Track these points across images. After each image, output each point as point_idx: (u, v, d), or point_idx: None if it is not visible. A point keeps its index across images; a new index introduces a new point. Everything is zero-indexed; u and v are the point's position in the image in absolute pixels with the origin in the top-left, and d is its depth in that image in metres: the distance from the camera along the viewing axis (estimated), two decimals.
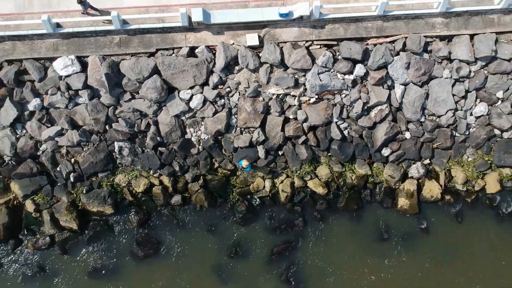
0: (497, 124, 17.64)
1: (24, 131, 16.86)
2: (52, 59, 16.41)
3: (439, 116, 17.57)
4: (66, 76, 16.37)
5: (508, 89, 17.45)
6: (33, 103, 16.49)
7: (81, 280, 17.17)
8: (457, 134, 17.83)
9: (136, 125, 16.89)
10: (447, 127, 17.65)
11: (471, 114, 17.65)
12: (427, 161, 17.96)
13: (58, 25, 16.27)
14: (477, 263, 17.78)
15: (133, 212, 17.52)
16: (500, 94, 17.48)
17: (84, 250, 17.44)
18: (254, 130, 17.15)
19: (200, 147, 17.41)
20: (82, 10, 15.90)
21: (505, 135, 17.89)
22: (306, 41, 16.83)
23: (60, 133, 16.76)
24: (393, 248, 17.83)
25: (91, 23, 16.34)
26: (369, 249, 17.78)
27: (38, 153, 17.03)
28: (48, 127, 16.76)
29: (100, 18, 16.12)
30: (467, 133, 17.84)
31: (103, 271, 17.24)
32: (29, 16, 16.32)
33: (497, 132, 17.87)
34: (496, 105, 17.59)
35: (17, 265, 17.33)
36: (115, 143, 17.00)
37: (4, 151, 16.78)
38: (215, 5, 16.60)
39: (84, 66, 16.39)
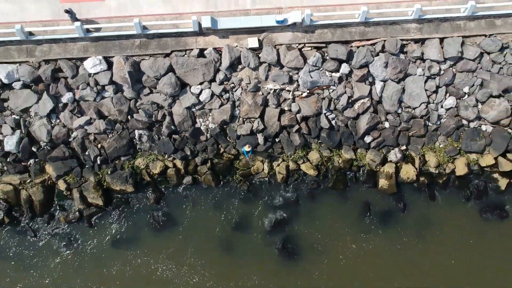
0: (464, 115, 20.43)
1: (58, 120, 19.71)
2: (82, 59, 19.27)
3: (414, 108, 20.37)
4: (95, 74, 19.25)
5: (473, 85, 20.23)
6: (66, 97, 19.36)
7: (105, 248, 19.98)
8: (429, 124, 20.63)
9: (153, 115, 19.74)
10: (420, 117, 20.44)
11: (441, 107, 20.44)
12: (404, 147, 20.75)
13: (87, 31, 19.15)
14: (447, 236, 20.50)
15: (150, 191, 20.36)
16: (466, 89, 20.27)
17: (108, 223, 20.26)
18: (255, 120, 19.97)
19: (208, 134, 20.24)
20: (71, 20, 18.52)
21: (471, 124, 20.68)
22: (299, 44, 19.66)
23: (89, 122, 19.62)
24: (374, 223, 20.60)
25: (115, 29, 19.22)
26: (354, 224, 20.55)
27: (69, 140, 19.88)
28: (78, 117, 19.61)
29: (124, 24, 18.95)
30: (439, 123, 20.63)
31: (124, 241, 20.05)
32: (63, 22, 19.21)
33: (464, 122, 20.65)
34: (463, 98, 20.37)
35: (51, 236, 20.14)
36: (136, 131, 19.86)
37: (41, 138, 19.64)
38: (221, 13, 19.46)
39: (110, 65, 19.26)
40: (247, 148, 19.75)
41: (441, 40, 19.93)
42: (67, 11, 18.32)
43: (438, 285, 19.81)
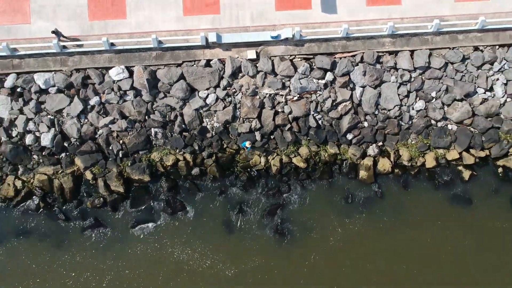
0: (432, 116, 23.91)
1: (87, 120, 23.25)
2: (108, 68, 22.83)
3: (388, 110, 23.83)
4: (118, 81, 22.80)
5: (439, 90, 23.71)
6: (93, 100, 22.92)
7: (125, 230, 23.45)
8: (402, 123, 24.10)
9: (167, 116, 23.27)
10: (394, 118, 23.92)
11: (412, 109, 23.91)
12: (381, 143, 24.21)
13: (112, 44, 22.73)
14: (418, 219, 23.90)
15: (164, 180, 23.86)
16: (433, 94, 23.75)
17: (128, 207, 23.76)
18: (253, 120, 23.46)
19: (213, 132, 23.74)
20: (57, 38, 21.76)
21: (439, 124, 24.15)
22: (290, 56, 23.20)
23: (113, 122, 23.14)
24: (355, 208, 24.03)
25: (135, 43, 22.80)
26: (338, 208, 23.98)
27: (96, 136, 23.40)
28: (104, 117, 23.15)
29: (143, 39, 22.52)
30: (410, 122, 24.11)
31: (142, 222, 23.54)
32: (91, 38, 22.78)
33: (432, 122, 24.12)
34: (431, 102, 23.85)
35: (79, 219, 23.63)
36: (152, 129, 23.38)
37: (72, 134, 23.17)
38: (225, 29, 23.02)
39: (131, 73, 22.81)
40: (247, 144, 23.23)
41: (412, 52, 23.44)
42: (53, 32, 21.63)
43: (410, 259, 23.22)
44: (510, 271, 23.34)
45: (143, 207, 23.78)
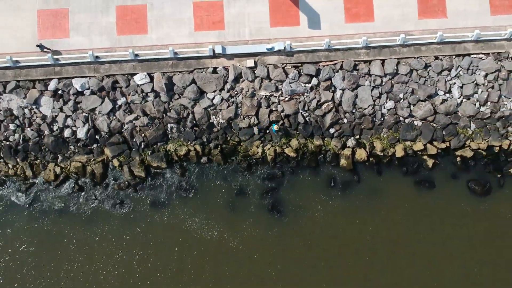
0: (400, 114, 28.76)
1: (115, 117, 28.20)
2: (133, 75, 27.81)
3: (364, 109, 28.71)
4: (141, 85, 27.78)
5: (406, 92, 28.60)
6: (121, 100, 27.90)
7: (146, 207, 28.29)
8: (376, 120, 28.97)
9: (181, 114, 28.19)
10: (369, 115, 28.78)
11: (384, 108, 28.78)
12: (358, 136, 29.05)
13: (136, 55, 27.74)
14: (390, 200, 28.63)
15: (177, 167, 28.76)
16: (401, 95, 28.64)
17: (148, 189, 28.65)
18: (252, 117, 28.36)
19: (218, 127, 28.63)
20: (40, 50, 26.50)
21: (406, 120, 28.97)
22: (282, 64, 28.15)
23: (136, 118, 28.09)
24: (337, 190, 28.82)
25: (155, 54, 27.77)
26: (323, 191, 28.75)
27: (122, 130, 28.34)
28: (129, 115, 28.11)
29: (161, 51, 27.49)
30: (382, 119, 28.99)
31: (159, 202, 28.39)
32: (119, 49, 27.81)
33: (401, 118, 28.96)
34: (399, 102, 28.73)
35: (107, 199, 28.52)
36: (168, 124, 28.31)
37: (103, 129, 28.13)
38: (229, 42, 28.01)
39: (151, 78, 27.79)
40: (276, 127, 27.82)
41: (382, 61, 28.36)
42: (38, 46, 26.42)
43: (382, 234, 28.00)
44: (463, 241, 28.14)
45: (160, 189, 28.67)
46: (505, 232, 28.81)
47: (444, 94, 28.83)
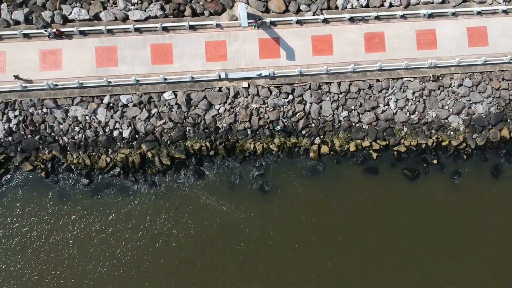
0: (352, 120, 40.29)
1: (149, 122, 39.84)
2: (162, 92, 39.52)
3: (326, 117, 40.24)
4: (168, 99, 39.47)
5: (356, 105, 40.14)
6: (154, 110, 39.58)
7: (170, 186, 39.78)
8: (335, 125, 40.47)
9: (195, 120, 39.80)
10: (330, 121, 40.31)
11: (340, 116, 40.29)
12: (322, 136, 40.55)
13: (165, 79, 39.45)
14: (343, 183, 40.03)
15: (193, 158, 40.27)
16: (352, 107, 40.18)
17: (173, 174, 40.15)
18: (246, 122, 39.93)
19: (223, 129, 40.19)
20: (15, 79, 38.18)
21: (357, 125, 40.50)
22: (268, 85, 39.79)
23: (164, 123, 39.72)
24: (307, 175, 40.24)
25: (178, 78, 39.44)
26: (296, 175, 40.19)
27: (154, 131, 39.96)
28: (159, 120, 39.74)
29: (183, 76, 39.23)
30: (339, 124, 40.49)
31: (181, 182, 39.89)
32: (153, 75, 39.52)
33: (353, 124, 40.46)
34: (351, 112, 40.27)
35: (144, 181, 40.03)
36: (187, 127, 39.93)
37: (141, 130, 39.76)
38: (230, 70, 39.67)
39: (175, 95, 39.48)
40: (279, 127, 39.32)
41: (339, 83, 39.95)
42: (15, 76, 38.07)
43: (338, 204, 39.37)
44: (398, 212, 39.45)
45: (181, 173, 40.20)
46: (429, 205, 40.14)
47: (384, 106, 40.38)
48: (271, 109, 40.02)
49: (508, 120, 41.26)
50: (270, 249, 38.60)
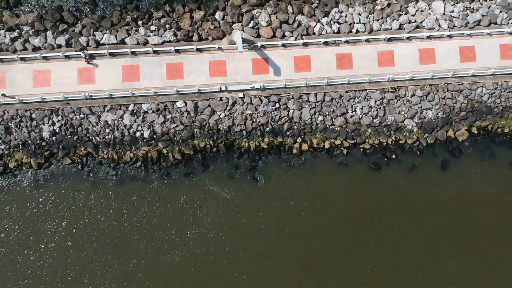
0: (327, 123, 50.33)
1: (165, 125, 49.85)
2: (175, 101, 49.61)
3: (306, 120, 50.25)
4: (180, 107, 49.56)
5: (329, 111, 50.21)
6: (168, 116, 49.67)
7: (181, 175, 49.68)
8: (313, 127, 50.50)
9: (201, 123, 49.85)
10: (309, 124, 50.32)
11: (317, 120, 50.29)
12: (303, 136, 50.53)
13: (177, 91, 49.58)
14: (320, 174, 49.96)
15: (199, 154, 50.30)
16: (327, 113, 50.25)
17: (183, 167, 50.08)
18: (242, 125, 49.97)
19: (223, 131, 50.21)
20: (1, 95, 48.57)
21: (330, 127, 50.52)
22: (259, 95, 49.91)
23: (177, 126, 49.76)
24: (291, 167, 50.15)
25: (187, 90, 49.58)
26: (281, 168, 50.10)
27: (168, 132, 49.99)
28: (173, 124, 49.80)
29: (190, 89, 49.43)
30: (317, 126, 50.64)
31: (190, 173, 49.79)
32: (168, 88, 49.65)
33: (327, 126, 50.47)
34: (326, 117, 50.30)
35: (161, 172, 49.97)
36: (194, 129, 49.98)
37: (158, 132, 49.81)
38: (229, 83, 49.79)
39: (186, 104, 49.58)
40: (268, 129, 49.37)
41: (316, 94, 50.07)
42: (2, 94, 48.24)
43: (315, 190, 49.28)
44: (364, 198, 49.34)
45: (189, 166, 50.17)
46: (390, 192, 49.99)
47: (352, 112, 50.48)
48: (262, 115, 50.10)
49: (453, 123, 51.31)
50: (263, 226, 48.55)
